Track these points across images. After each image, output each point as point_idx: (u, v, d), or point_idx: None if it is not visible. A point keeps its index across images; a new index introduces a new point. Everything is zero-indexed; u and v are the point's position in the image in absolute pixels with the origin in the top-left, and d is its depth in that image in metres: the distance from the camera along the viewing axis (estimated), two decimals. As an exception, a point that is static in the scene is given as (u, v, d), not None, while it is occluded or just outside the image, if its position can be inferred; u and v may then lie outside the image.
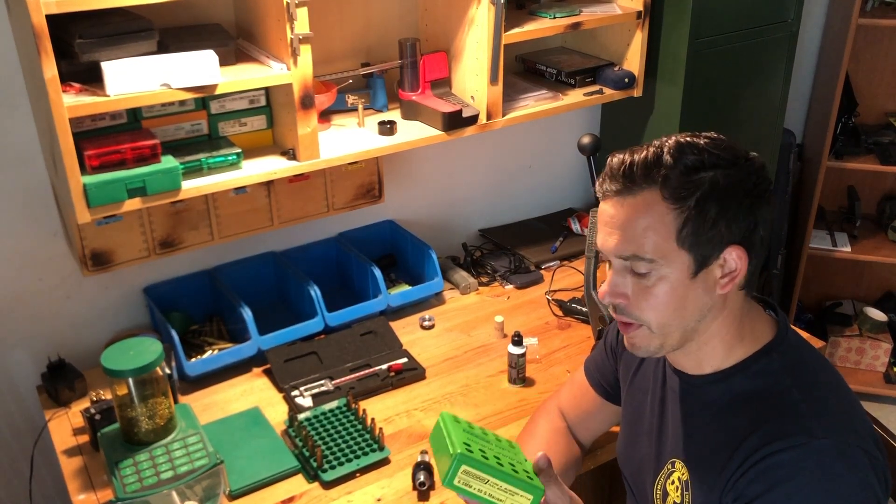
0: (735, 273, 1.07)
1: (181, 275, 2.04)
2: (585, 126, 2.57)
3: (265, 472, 1.59)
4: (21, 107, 1.74)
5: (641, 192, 1.05)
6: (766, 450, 1.04)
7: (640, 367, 1.34)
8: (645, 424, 1.29)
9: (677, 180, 1.04)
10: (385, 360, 1.90)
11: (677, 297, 1.07)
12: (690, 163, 1.05)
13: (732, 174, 1.05)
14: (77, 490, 1.59)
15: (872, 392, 3.14)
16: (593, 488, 1.78)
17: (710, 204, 1.04)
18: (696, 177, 1.04)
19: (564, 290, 2.22)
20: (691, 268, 1.06)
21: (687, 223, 1.04)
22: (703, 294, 1.08)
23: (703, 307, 1.09)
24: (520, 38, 1.97)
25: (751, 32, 2.26)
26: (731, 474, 1.07)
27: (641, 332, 1.11)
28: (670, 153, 1.06)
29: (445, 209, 2.43)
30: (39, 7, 1.35)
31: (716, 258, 1.06)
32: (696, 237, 1.04)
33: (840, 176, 3.22)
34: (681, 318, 1.09)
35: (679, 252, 1.05)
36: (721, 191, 1.04)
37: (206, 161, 1.68)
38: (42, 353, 1.88)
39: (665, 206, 1.04)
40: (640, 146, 1.10)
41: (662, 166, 1.05)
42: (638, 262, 1.06)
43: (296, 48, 1.62)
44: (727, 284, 1.08)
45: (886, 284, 3.37)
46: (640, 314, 1.09)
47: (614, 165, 1.09)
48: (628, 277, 1.09)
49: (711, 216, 1.04)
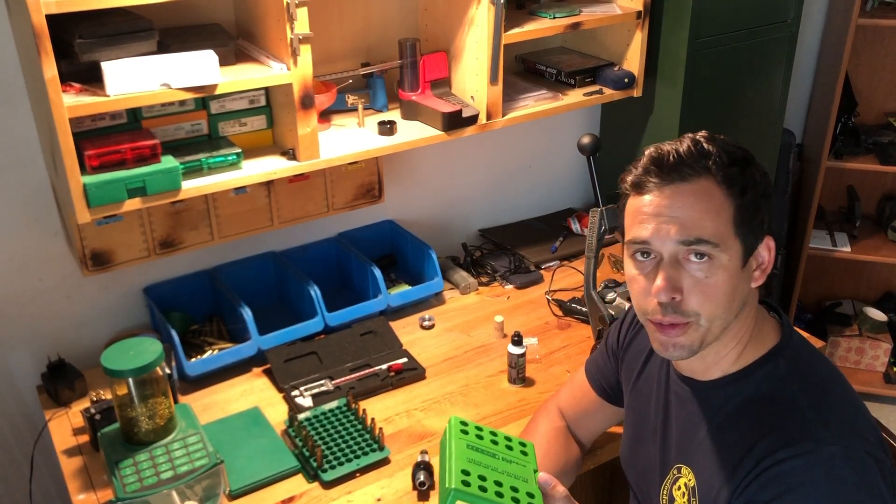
0: (765, 265, 1.11)
1: (181, 275, 2.04)
2: (585, 126, 2.57)
3: (265, 472, 1.59)
4: (21, 107, 1.74)
5: (697, 179, 1.06)
6: (775, 457, 1.04)
7: (643, 370, 1.34)
8: (649, 429, 1.29)
9: (726, 168, 1.06)
10: (385, 360, 1.90)
11: (731, 287, 1.07)
12: (737, 155, 1.08)
13: (757, 168, 1.10)
14: (77, 490, 1.59)
15: (872, 392, 3.14)
16: (593, 488, 1.78)
17: (757, 195, 1.07)
18: (737, 167, 1.07)
19: (564, 290, 2.22)
20: (742, 256, 1.08)
21: (739, 210, 1.06)
22: (746, 286, 1.10)
23: (744, 300, 1.11)
24: (520, 38, 1.97)
25: (751, 32, 2.26)
26: (740, 481, 1.07)
27: (690, 330, 1.09)
28: (709, 143, 1.08)
29: (445, 209, 2.43)
30: (39, 7, 1.35)
31: (756, 248, 1.09)
32: (748, 226, 1.07)
33: (840, 176, 3.23)
34: (728, 309, 1.09)
35: (734, 239, 1.06)
36: (762, 184, 1.09)
37: (206, 161, 1.68)
38: (42, 353, 1.88)
39: (721, 191, 1.06)
40: (667, 142, 1.11)
41: (710, 154, 1.07)
42: (702, 245, 1.04)
43: (296, 48, 1.62)
44: (760, 277, 1.11)
45: (886, 284, 3.37)
46: (693, 308, 1.07)
47: (656, 157, 1.08)
48: (682, 272, 1.07)
49: (756, 206, 1.07)
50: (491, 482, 1.06)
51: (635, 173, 1.10)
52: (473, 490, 1.03)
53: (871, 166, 2.99)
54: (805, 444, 1.03)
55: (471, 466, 1.08)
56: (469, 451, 1.10)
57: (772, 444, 1.05)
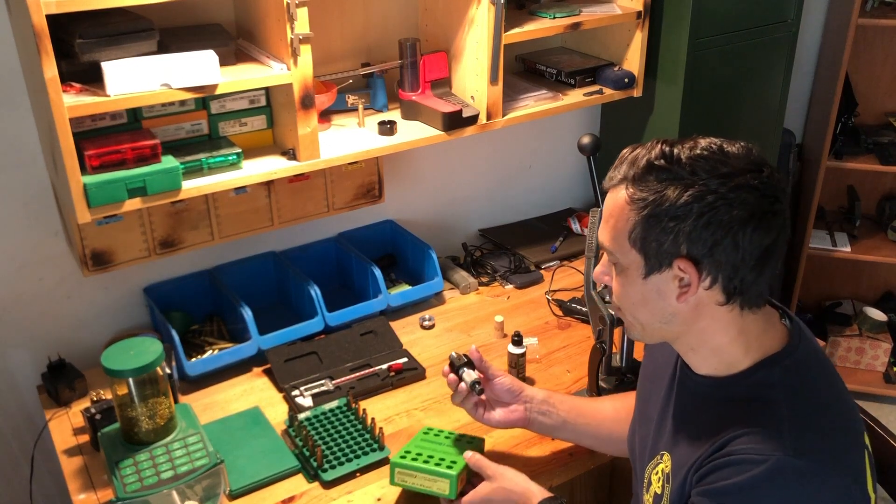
0: (686, 286, 1.07)
1: (181, 275, 2.04)
2: (585, 126, 2.58)
3: (265, 471, 1.59)
4: (21, 107, 1.75)
5: (619, 186, 1.10)
6: (736, 446, 1.05)
7: (652, 352, 1.35)
8: (651, 412, 1.30)
9: (641, 183, 1.07)
10: (385, 360, 1.90)
11: (634, 293, 1.12)
12: (658, 169, 1.06)
13: (707, 191, 1.03)
14: (77, 490, 1.59)
15: (872, 392, 3.14)
16: (593, 488, 1.78)
17: (663, 214, 1.04)
18: (658, 185, 1.05)
19: (564, 290, 2.22)
20: (642, 269, 1.09)
21: (637, 226, 1.07)
22: (659, 299, 1.10)
23: (665, 311, 1.11)
24: (520, 38, 1.97)
25: (751, 32, 2.26)
26: (701, 462, 1.09)
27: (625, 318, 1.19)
28: (651, 150, 1.09)
29: (445, 209, 2.43)
30: (39, 7, 1.35)
31: (667, 267, 1.07)
32: (645, 242, 1.07)
33: (840, 176, 3.22)
34: (646, 315, 1.14)
35: (630, 251, 1.09)
36: (681, 206, 1.03)
37: (206, 161, 1.68)
38: (42, 353, 1.88)
39: (626, 202, 1.08)
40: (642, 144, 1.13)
41: (634, 166, 1.09)
42: (604, 250, 1.14)
43: (296, 48, 1.62)
44: (681, 296, 1.08)
45: (886, 284, 3.37)
46: (615, 301, 1.17)
47: (619, 156, 1.14)
48: (612, 268, 1.16)
49: (661, 226, 1.05)
50: (424, 455, 1.49)
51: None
52: (406, 460, 1.47)
53: (871, 166, 2.99)
54: (769, 449, 1.02)
55: (413, 448, 1.52)
56: (421, 442, 1.55)
57: (738, 438, 1.05)
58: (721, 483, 1.04)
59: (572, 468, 1.62)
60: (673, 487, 1.15)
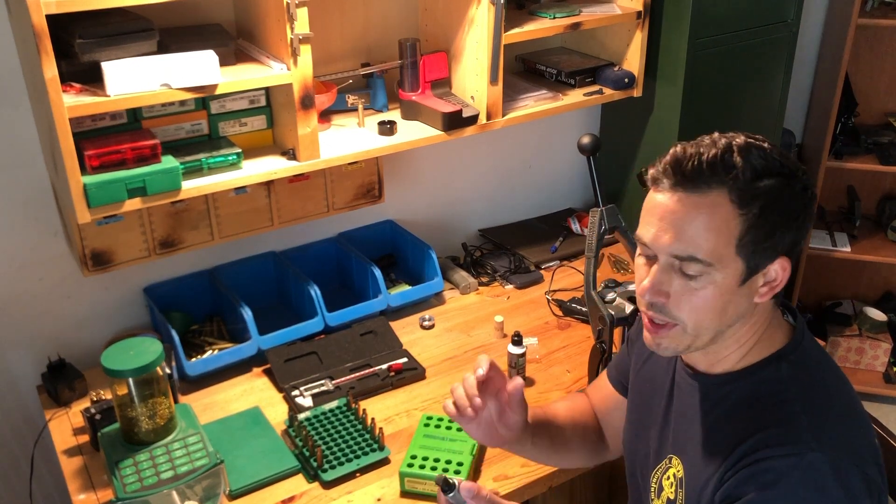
0: (776, 283, 1.06)
1: (181, 275, 2.04)
2: (585, 126, 2.57)
3: (265, 471, 1.59)
4: (21, 107, 1.75)
5: (710, 191, 1.01)
6: (757, 455, 1.03)
7: (650, 357, 1.33)
8: (651, 417, 1.28)
9: (746, 184, 1.01)
10: (385, 360, 1.90)
11: (721, 303, 1.05)
12: (760, 167, 1.02)
13: (792, 184, 1.03)
14: (77, 490, 1.59)
15: (872, 392, 3.14)
16: (593, 488, 1.78)
17: (773, 213, 1.02)
18: (763, 183, 1.01)
19: (564, 290, 2.22)
20: (742, 275, 1.04)
21: (749, 230, 1.02)
22: (744, 301, 1.07)
23: (740, 313, 1.08)
24: (520, 38, 1.97)
25: (751, 32, 2.26)
26: (722, 476, 1.07)
27: (674, 333, 1.09)
28: (740, 154, 1.02)
29: (445, 209, 2.43)
30: (39, 7, 1.35)
31: (763, 268, 1.05)
32: (755, 245, 1.03)
33: (840, 176, 3.22)
34: (718, 322, 1.07)
35: (735, 258, 1.03)
36: (783, 201, 1.02)
37: (206, 161, 1.68)
38: (42, 353, 1.88)
39: (731, 208, 1.01)
40: (704, 139, 1.06)
41: (733, 167, 1.01)
42: (692, 263, 1.03)
43: (296, 48, 1.62)
44: (766, 294, 1.07)
45: (886, 284, 3.37)
46: (678, 313, 1.06)
47: (680, 157, 1.04)
48: (673, 276, 1.05)
49: (771, 226, 1.02)
50: (431, 460, 1.56)
51: (657, 168, 1.07)
52: (415, 469, 1.54)
53: (871, 166, 2.99)
54: (790, 447, 1.02)
55: (420, 451, 1.59)
56: (424, 440, 1.62)
57: (757, 442, 1.05)
58: (756, 494, 1.02)
59: (572, 468, 1.61)
60: (688, 493, 1.14)
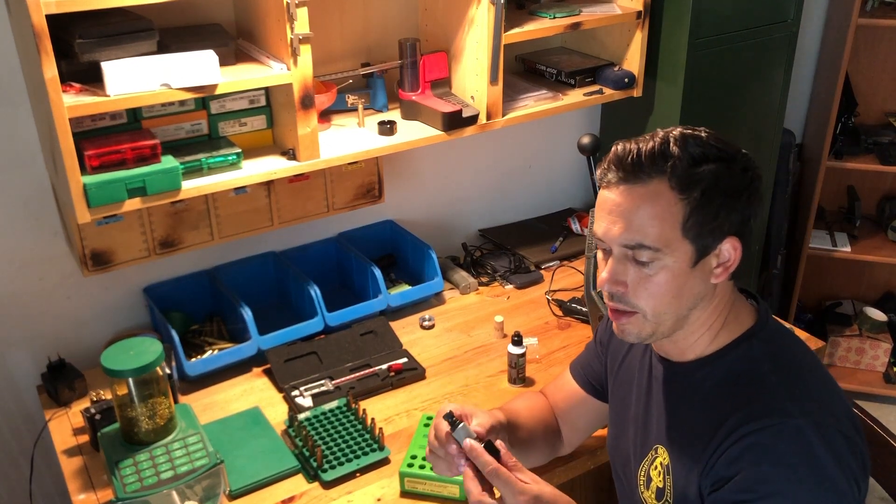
0: (729, 263, 1.11)
1: (181, 275, 2.04)
2: (585, 126, 2.58)
3: (265, 472, 1.59)
4: (21, 107, 1.74)
5: (650, 181, 1.07)
6: (743, 430, 1.06)
7: (626, 357, 1.35)
8: (631, 414, 1.30)
9: (685, 171, 1.06)
10: (385, 360, 1.90)
11: (676, 286, 1.09)
12: (697, 154, 1.07)
13: (732, 167, 1.08)
14: (77, 490, 1.59)
15: (872, 392, 3.14)
16: (593, 488, 1.78)
17: (715, 195, 1.07)
18: (702, 168, 1.07)
19: (564, 290, 2.22)
20: (692, 257, 1.08)
21: (692, 214, 1.06)
22: (699, 283, 1.11)
23: (697, 295, 1.12)
24: (520, 38, 1.97)
25: (750, 32, 2.26)
26: (710, 456, 1.10)
27: (635, 320, 1.13)
28: (676, 144, 1.08)
29: (445, 209, 2.43)
30: (39, 7, 1.35)
31: (714, 249, 1.09)
32: (700, 228, 1.07)
33: (840, 176, 3.22)
34: (676, 305, 1.11)
35: (682, 241, 1.07)
36: (724, 183, 1.07)
37: (206, 161, 1.68)
38: (42, 353, 1.88)
39: (672, 195, 1.06)
40: (643, 136, 1.12)
41: (671, 156, 1.07)
42: (642, 250, 1.08)
43: (296, 48, 1.62)
44: (721, 274, 1.11)
45: (886, 284, 3.37)
46: (637, 301, 1.11)
47: (620, 154, 1.10)
48: (629, 266, 1.10)
49: (714, 208, 1.07)
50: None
51: (602, 167, 1.13)
52: (415, 469, 1.53)
53: (871, 166, 2.99)
54: (773, 418, 1.05)
55: (420, 451, 1.57)
56: (424, 438, 1.59)
57: (739, 420, 1.07)
58: (748, 470, 1.04)
59: (572, 468, 1.61)
60: (675, 478, 1.16)
